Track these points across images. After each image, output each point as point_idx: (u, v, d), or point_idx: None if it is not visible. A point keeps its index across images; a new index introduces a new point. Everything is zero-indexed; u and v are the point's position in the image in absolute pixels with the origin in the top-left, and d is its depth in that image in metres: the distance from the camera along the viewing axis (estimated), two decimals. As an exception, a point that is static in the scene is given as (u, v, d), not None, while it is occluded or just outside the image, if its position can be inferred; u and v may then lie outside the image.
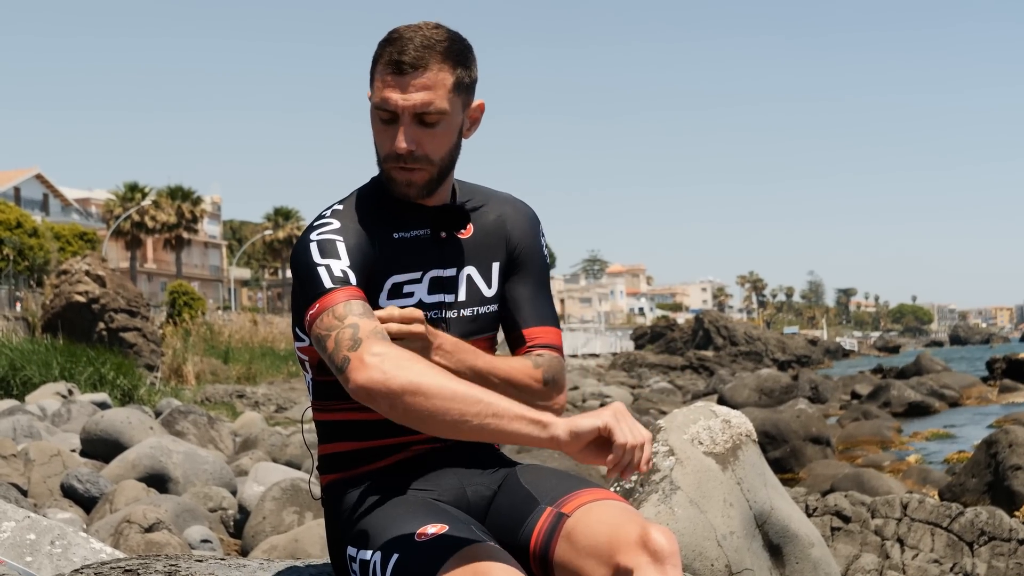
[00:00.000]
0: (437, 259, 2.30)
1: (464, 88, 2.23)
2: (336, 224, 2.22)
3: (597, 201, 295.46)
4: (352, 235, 2.21)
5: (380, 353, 2.00)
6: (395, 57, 2.17)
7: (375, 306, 2.21)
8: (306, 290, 2.14)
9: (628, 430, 1.97)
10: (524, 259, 2.39)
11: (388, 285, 2.25)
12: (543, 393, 2.27)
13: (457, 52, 2.21)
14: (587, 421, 1.95)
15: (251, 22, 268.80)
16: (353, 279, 2.14)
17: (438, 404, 1.95)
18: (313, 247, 2.18)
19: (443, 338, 2.20)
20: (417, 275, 2.28)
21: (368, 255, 2.21)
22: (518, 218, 2.41)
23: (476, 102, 2.29)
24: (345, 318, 2.07)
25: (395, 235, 2.27)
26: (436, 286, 2.29)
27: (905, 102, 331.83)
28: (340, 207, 2.28)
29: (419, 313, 2.17)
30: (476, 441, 2.11)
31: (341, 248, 2.17)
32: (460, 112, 2.24)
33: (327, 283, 2.11)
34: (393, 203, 2.30)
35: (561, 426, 1.95)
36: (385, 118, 2.20)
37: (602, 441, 1.98)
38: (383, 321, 2.11)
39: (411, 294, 2.26)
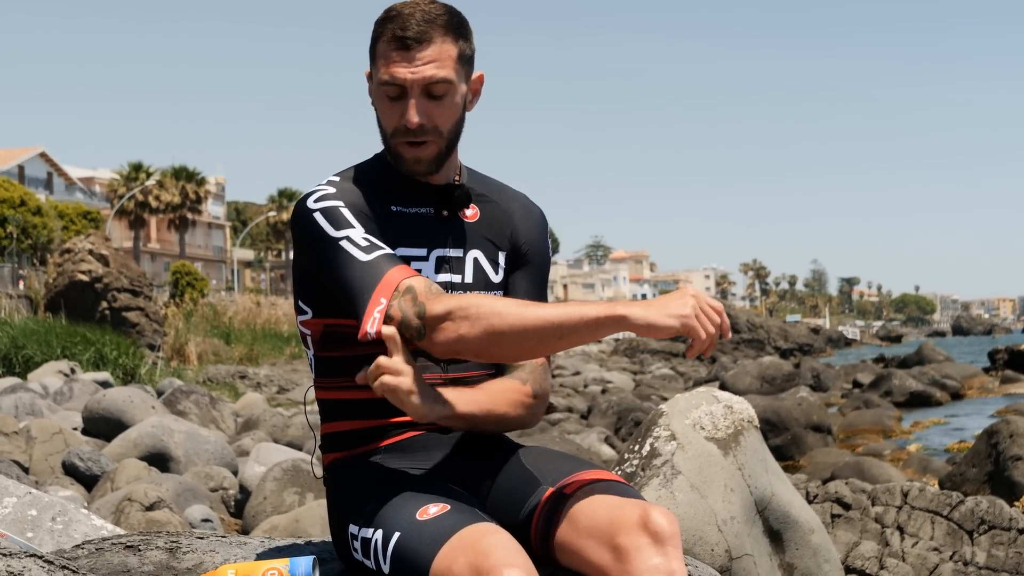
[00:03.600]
0: (442, 238, 2.29)
1: (466, 60, 2.25)
2: (333, 190, 2.21)
3: (601, 187, 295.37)
4: (352, 196, 2.21)
5: (444, 313, 2.05)
6: (398, 33, 2.17)
7: None
8: (342, 271, 2.12)
9: (707, 321, 1.99)
10: (530, 259, 2.41)
11: None
12: (534, 407, 2.31)
13: (457, 25, 2.22)
14: (664, 320, 1.97)
15: (256, 4, 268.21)
16: (377, 240, 2.15)
17: (515, 340, 2.03)
18: (319, 218, 2.16)
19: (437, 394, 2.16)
20: (423, 252, 2.27)
21: (368, 214, 2.21)
22: (527, 217, 2.42)
23: (476, 74, 2.31)
24: (399, 286, 2.09)
25: (393, 208, 2.26)
26: (442, 266, 2.28)
27: (910, 94, 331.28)
28: (337, 178, 2.27)
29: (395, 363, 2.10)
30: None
31: (348, 214, 2.17)
32: (464, 83, 2.26)
33: (360, 256, 2.11)
34: (395, 179, 2.29)
35: (638, 319, 1.97)
36: (393, 94, 2.20)
37: None
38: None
39: (418, 271, 2.24)
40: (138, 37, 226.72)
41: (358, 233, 2.14)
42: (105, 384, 17.20)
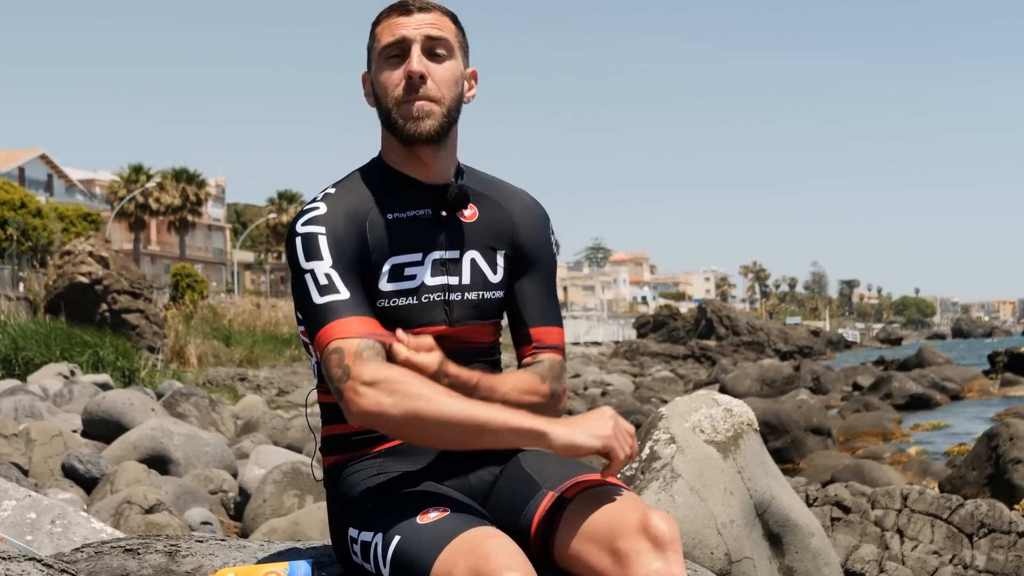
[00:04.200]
0: (439, 241, 2.28)
1: (463, 45, 2.29)
2: (323, 210, 2.20)
3: (601, 189, 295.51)
4: (340, 221, 2.19)
5: (372, 381, 2.04)
6: (400, 4, 2.24)
7: (375, 290, 2.21)
8: (301, 304, 2.16)
9: (624, 442, 2.08)
10: (534, 257, 2.39)
11: (387, 267, 2.23)
12: (549, 404, 2.31)
13: (454, 16, 2.28)
14: (586, 440, 2.04)
15: (257, 5, 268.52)
16: (337, 280, 2.13)
17: (435, 430, 2.04)
18: (298, 243, 2.17)
19: (459, 376, 2.17)
20: (418, 256, 2.26)
21: (357, 242, 2.19)
22: (528, 214, 2.40)
23: (470, 69, 2.33)
24: (329, 343, 2.09)
25: (390, 216, 2.25)
26: (439, 268, 2.28)
27: (910, 95, 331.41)
28: (333, 190, 2.26)
29: (431, 341, 2.15)
30: None
31: (323, 244, 2.16)
32: (463, 65, 2.28)
33: (315, 297, 2.12)
34: (393, 182, 2.29)
35: (559, 439, 2.04)
36: (394, 54, 2.22)
37: None
38: (396, 344, 2.11)
39: (413, 276, 2.25)
40: (138, 39, 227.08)
41: (323, 268, 2.14)
42: (105, 386, 17.19)
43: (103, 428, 12.60)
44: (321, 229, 2.17)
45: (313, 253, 2.15)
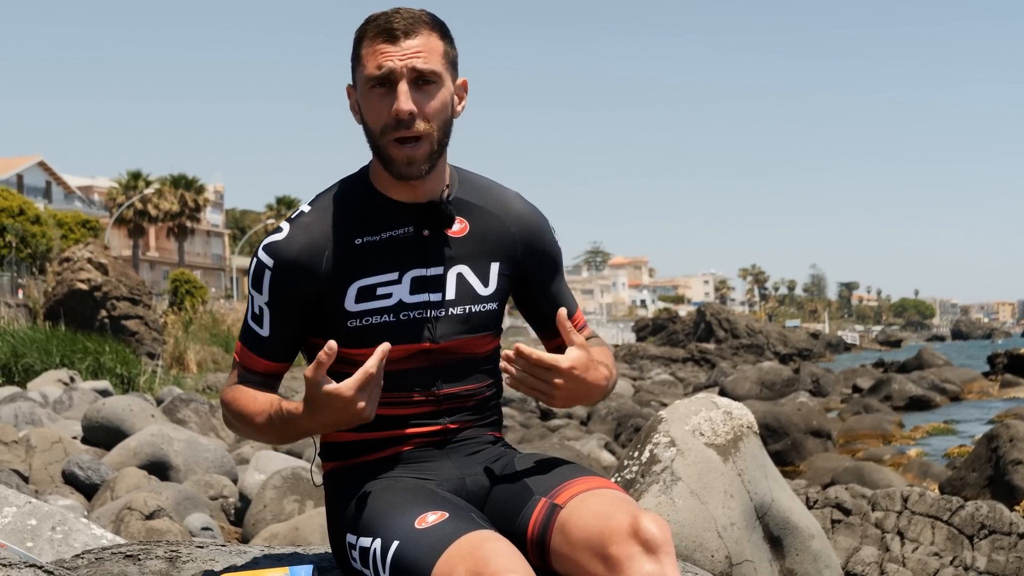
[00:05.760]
0: (420, 258, 2.26)
1: (451, 60, 2.24)
2: (284, 234, 2.24)
3: (600, 193, 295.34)
4: (294, 253, 2.22)
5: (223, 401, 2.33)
6: (385, 26, 2.17)
7: (341, 311, 2.23)
8: (246, 312, 2.33)
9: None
10: (547, 261, 2.41)
11: (353, 291, 2.22)
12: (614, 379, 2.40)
13: (441, 26, 2.23)
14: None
15: (255, 11, 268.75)
16: (266, 317, 2.27)
17: (255, 439, 2.34)
18: (253, 266, 2.27)
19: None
20: (394, 276, 2.24)
21: (304, 276, 2.21)
22: (525, 220, 2.38)
23: (460, 79, 2.29)
24: (236, 358, 2.35)
25: (358, 240, 2.24)
26: (419, 286, 2.25)
27: (908, 97, 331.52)
28: (307, 209, 2.27)
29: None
30: (467, 432, 2.32)
31: (266, 279, 2.24)
32: (451, 83, 2.24)
33: (248, 317, 2.31)
34: (373, 204, 2.27)
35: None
36: (381, 84, 2.18)
37: None
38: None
39: (388, 295, 2.23)
40: (136, 45, 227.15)
41: (259, 300, 2.27)
42: (104, 393, 17.20)
43: (103, 434, 12.60)
44: (270, 262, 2.24)
45: (257, 283, 2.27)
